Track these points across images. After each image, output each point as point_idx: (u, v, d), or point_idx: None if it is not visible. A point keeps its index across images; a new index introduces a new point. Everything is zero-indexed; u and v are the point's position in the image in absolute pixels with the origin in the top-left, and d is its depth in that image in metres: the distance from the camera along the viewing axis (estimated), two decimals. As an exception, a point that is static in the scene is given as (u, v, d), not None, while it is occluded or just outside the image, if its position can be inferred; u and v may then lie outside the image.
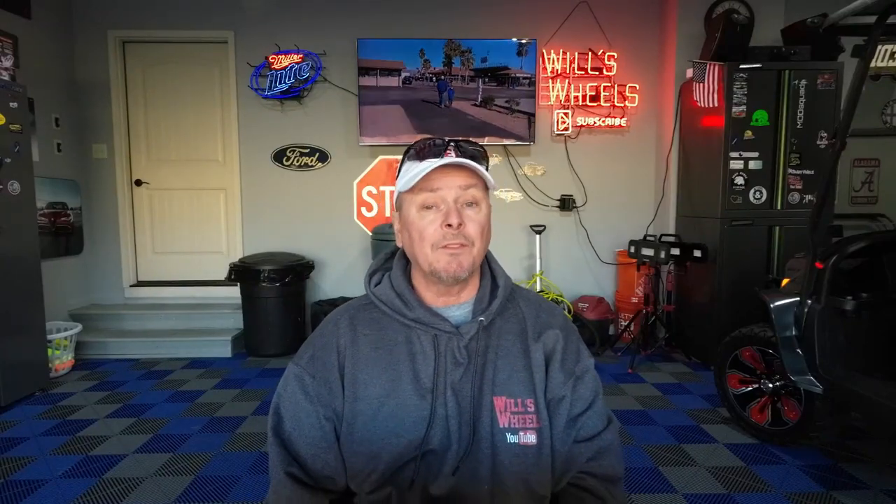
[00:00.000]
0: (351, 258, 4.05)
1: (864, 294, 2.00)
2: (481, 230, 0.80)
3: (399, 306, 0.84)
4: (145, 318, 3.85)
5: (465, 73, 3.75)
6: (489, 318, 0.83)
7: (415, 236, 0.80)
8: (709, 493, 1.90)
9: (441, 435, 0.78)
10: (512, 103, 3.77)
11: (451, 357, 0.81)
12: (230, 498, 1.89)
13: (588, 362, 0.87)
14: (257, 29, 3.87)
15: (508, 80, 3.76)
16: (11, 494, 1.90)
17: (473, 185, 0.80)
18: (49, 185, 3.57)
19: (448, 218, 0.78)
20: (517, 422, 0.79)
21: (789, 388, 2.17)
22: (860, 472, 2.02)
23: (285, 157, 3.98)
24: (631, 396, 2.84)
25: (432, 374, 0.80)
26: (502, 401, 0.80)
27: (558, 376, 0.83)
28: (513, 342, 0.84)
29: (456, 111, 3.78)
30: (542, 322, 0.87)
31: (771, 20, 3.46)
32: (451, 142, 0.81)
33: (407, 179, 0.80)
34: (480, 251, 0.81)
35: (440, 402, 0.79)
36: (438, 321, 0.82)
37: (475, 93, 3.77)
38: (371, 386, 0.80)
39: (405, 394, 0.80)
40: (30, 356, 2.85)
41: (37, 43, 3.54)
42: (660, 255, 3.27)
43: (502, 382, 0.81)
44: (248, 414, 2.64)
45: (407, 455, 0.78)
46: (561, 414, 0.82)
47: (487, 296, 0.86)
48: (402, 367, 0.81)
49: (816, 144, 3.06)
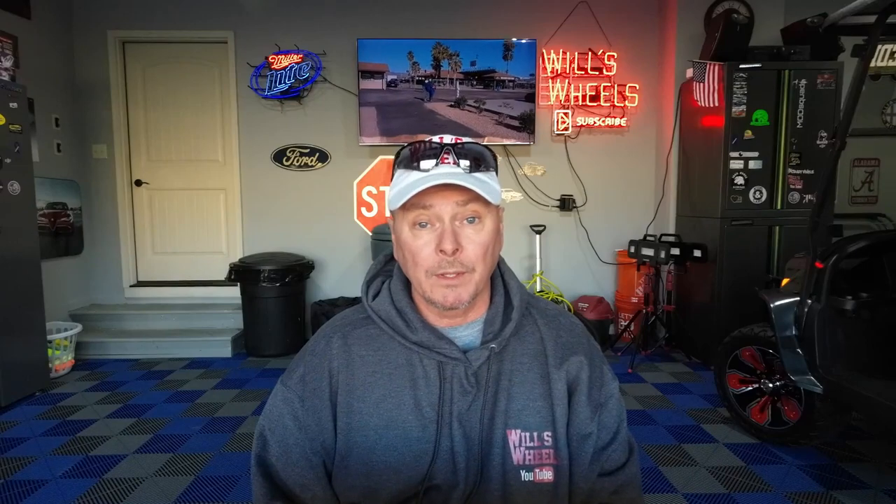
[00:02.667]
0: (351, 258, 4.05)
1: (864, 294, 2.00)
2: (483, 252, 0.69)
3: (400, 326, 0.74)
4: (145, 318, 3.85)
5: (453, 76, 3.76)
6: (502, 345, 0.74)
7: (408, 258, 0.71)
8: (709, 492, 1.90)
9: (446, 470, 0.70)
10: (505, 106, 3.77)
11: (457, 384, 0.72)
12: (230, 498, 1.89)
13: (612, 386, 0.79)
14: (257, 29, 3.87)
15: (494, 82, 3.76)
16: (12, 495, 1.90)
17: (474, 199, 0.68)
18: (49, 186, 3.57)
19: (442, 242, 0.67)
20: (533, 458, 0.71)
21: (789, 388, 2.17)
22: (860, 472, 2.02)
23: (285, 158, 3.98)
24: (631, 396, 2.83)
25: (436, 402, 0.72)
26: (516, 434, 0.72)
27: (585, 411, 0.74)
28: (529, 367, 0.75)
29: (457, 112, 3.78)
30: (563, 345, 0.77)
31: (771, 20, 3.46)
32: (449, 145, 0.69)
33: (396, 193, 0.69)
34: (484, 274, 0.71)
35: (445, 433, 0.71)
36: (444, 345, 0.72)
37: (474, 94, 3.77)
38: (368, 415, 0.72)
39: (406, 424, 0.71)
40: (30, 356, 2.85)
41: (37, 43, 3.54)
42: (660, 254, 3.27)
43: (517, 413, 0.72)
44: (248, 414, 2.64)
45: (407, 492, 0.70)
46: (586, 450, 0.74)
47: (500, 316, 0.76)
48: (403, 395, 0.72)
49: (816, 144, 3.06)
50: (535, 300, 0.83)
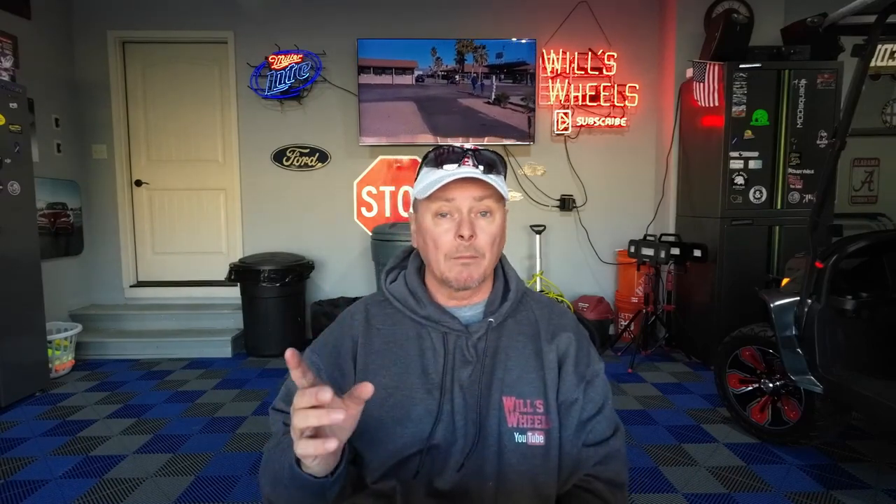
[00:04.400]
0: (351, 258, 4.05)
1: (864, 294, 2.00)
2: (492, 241, 0.82)
3: (412, 304, 0.86)
4: (145, 318, 3.85)
5: (478, 70, 3.75)
6: (499, 320, 0.85)
7: (430, 243, 0.83)
8: (709, 492, 1.90)
9: (447, 431, 0.80)
10: (502, 99, 3.77)
11: (459, 355, 0.83)
12: (230, 498, 1.89)
13: (598, 367, 0.88)
14: (257, 29, 3.87)
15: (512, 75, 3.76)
16: (12, 495, 1.90)
17: (488, 196, 0.82)
18: (49, 186, 3.57)
19: (460, 228, 0.80)
20: (526, 422, 0.80)
21: (789, 388, 2.17)
22: (860, 471, 2.02)
23: (285, 158, 3.98)
24: (631, 396, 2.84)
25: (441, 370, 0.82)
26: (511, 401, 0.81)
27: (571, 379, 0.84)
28: (524, 344, 0.85)
29: (466, 108, 3.77)
30: (554, 324, 0.88)
31: (771, 20, 3.47)
32: (470, 150, 0.83)
33: (423, 186, 0.82)
34: (491, 261, 0.83)
35: (447, 398, 0.81)
36: (448, 319, 0.84)
37: (488, 90, 3.77)
38: (380, 375, 0.82)
39: (412, 387, 0.81)
40: (30, 357, 2.85)
41: (37, 43, 3.54)
42: (660, 254, 3.27)
43: (512, 383, 0.82)
44: (248, 414, 2.64)
45: (412, 447, 0.79)
46: (572, 416, 0.83)
47: (499, 298, 0.88)
48: (411, 362, 0.83)
49: (816, 144, 3.06)
50: (531, 292, 0.95)
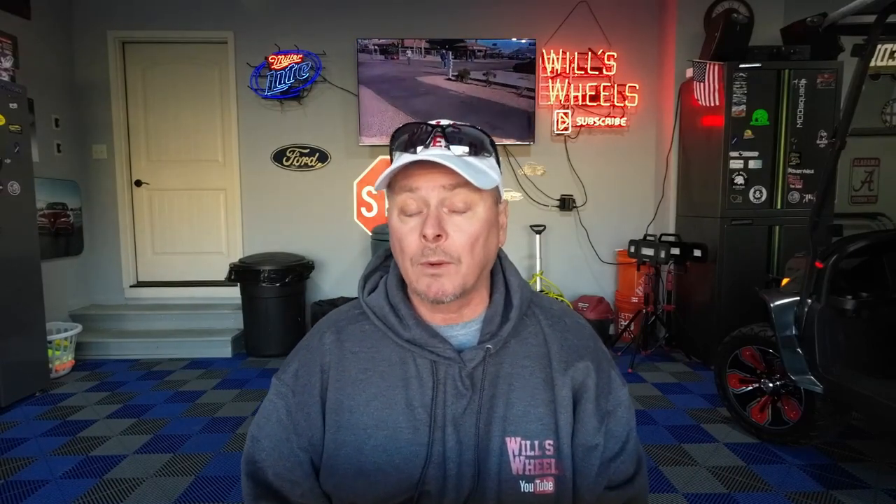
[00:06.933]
0: (351, 258, 4.05)
1: (864, 294, 2.00)
2: (470, 242, 0.64)
3: (393, 323, 0.71)
4: (145, 318, 3.85)
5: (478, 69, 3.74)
6: (498, 346, 0.70)
7: (395, 246, 0.68)
8: (709, 492, 1.90)
9: (438, 476, 0.67)
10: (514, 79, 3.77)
11: (451, 386, 0.68)
12: (230, 498, 1.90)
13: (621, 393, 0.75)
14: (257, 29, 3.87)
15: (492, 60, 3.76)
16: (12, 495, 1.90)
17: (463, 185, 0.64)
18: (49, 186, 3.57)
19: (424, 227, 0.63)
20: (533, 468, 0.67)
21: (789, 388, 2.17)
22: (860, 471, 2.02)
23: (285, 158, 3.98)
24: (631, 396, 2.83)
25: (429, 404, 0.68)
26: (516, 442, 0.67)
27: (591, 422, 0.70)
28: (531, 371, 0.70)
29: (466, 107, 3.76)
30: (569, 348, 0.72)
31: (770, 20, 3.46)
32: (440, 127, 0.66)
33: (381, 177, 0.66)
34: (472, 268, 0.65)
35: (438, 437, 0.67)
36: (437, 344, 0.68)
37: (488, 90, 3.76)
38: (358, 414, 0.68)
39: (397, 425, 0.68)
40: (30, 357, 2.85)
41: (37, 43, 3.54)
42: (660, 254, 3.27)
43: (516, 420, 0.68)
44: (248, 414, 2.64)
45: (397, 496, 0.66)
46: (592, 464, 0.69)
47: (499, 315, 0.71)
48: (395, 394, 0.69)
49: (816, 144, 3.06)
50: (539, 298, 0.78)
